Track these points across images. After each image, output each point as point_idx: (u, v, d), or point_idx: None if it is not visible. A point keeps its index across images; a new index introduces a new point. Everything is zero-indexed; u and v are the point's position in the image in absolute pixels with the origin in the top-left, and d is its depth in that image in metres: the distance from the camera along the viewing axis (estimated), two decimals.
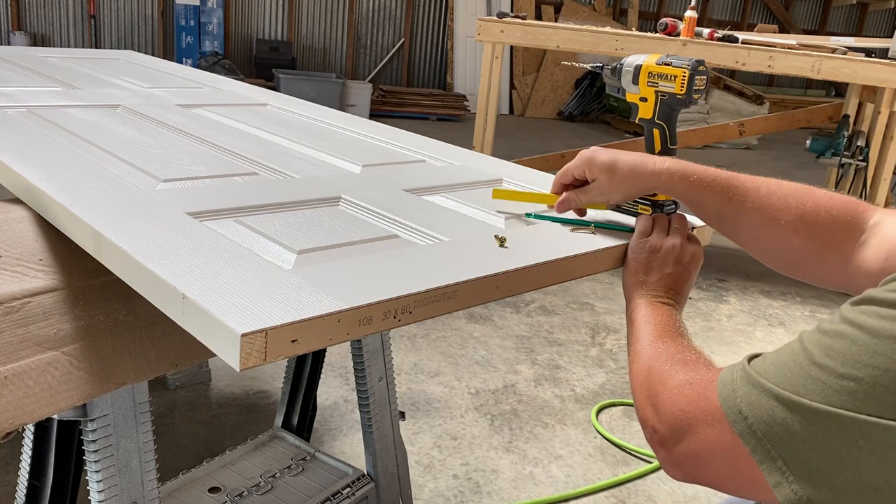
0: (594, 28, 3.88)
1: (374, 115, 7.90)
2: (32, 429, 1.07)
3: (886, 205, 3.84)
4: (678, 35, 3.72)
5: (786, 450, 0.63)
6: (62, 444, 1.07)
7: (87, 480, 1.05)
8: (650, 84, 1.09)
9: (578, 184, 1.06)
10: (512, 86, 9.54)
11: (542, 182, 1.35)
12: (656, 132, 1.12)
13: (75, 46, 7.85)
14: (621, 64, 1.14)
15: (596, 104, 9.72)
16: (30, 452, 1.08)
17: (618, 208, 1.17)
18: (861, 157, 3.81)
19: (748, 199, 0.94)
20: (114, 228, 0.86)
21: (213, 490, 1.57)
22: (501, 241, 0.96)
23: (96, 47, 7.94)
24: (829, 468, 0.61)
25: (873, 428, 0.58)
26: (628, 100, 1.14)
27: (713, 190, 0.95)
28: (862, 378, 0.59)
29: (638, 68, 1.11)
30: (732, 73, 9.71)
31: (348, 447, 2.24)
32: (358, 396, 1.62)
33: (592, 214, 1.14)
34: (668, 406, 0.76)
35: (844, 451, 0.59)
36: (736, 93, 8.74)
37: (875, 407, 0.58)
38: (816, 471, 0.61)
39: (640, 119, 1.14)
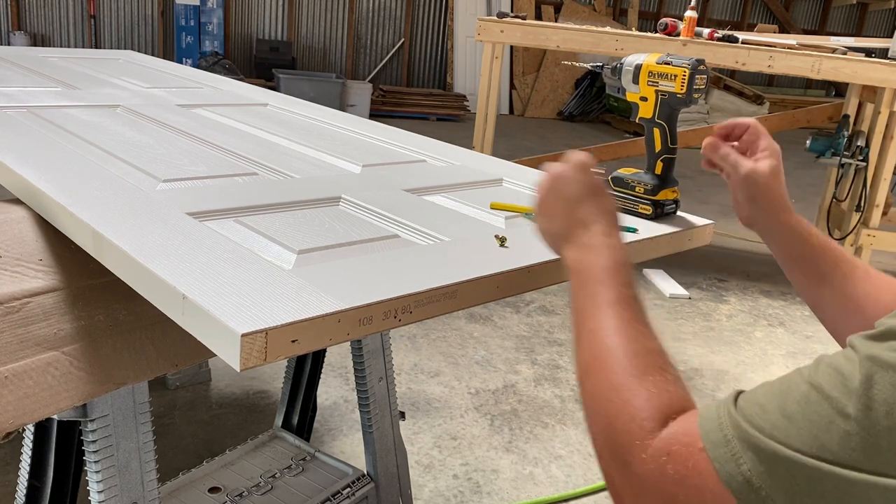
0: (594, 28, 3.88)
1: (374, 115, 7.90)
2: (32, 429, 1.07)
3: (886, 205, 3.84)
4: (678, 35, 3.72)
5: None
6: (62, 445, 1.07)
7: (87, 480, 1.05)
8: (650, 83, 1.09)
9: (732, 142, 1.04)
10: (512, 86, 9.54)
11: None
12: (657, 131, 1.12)
13: (75, 46, 7.85)
14: (621, 63, 1.14)
15: (596, 104, 9.72)
16: (30, 453, 1.08)
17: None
18: (861, 157, 3.81)
19: (857, 271, 0.94)
20: (114, 229, 0.85)
21: (213, 490, 1.57)
22: (502, 241, 0.96)
23: (96, 47, 7.94)
24: None
25: None
26: (628, 99, 1.14)
27: (827, 251, 0.96)
28: None
29: (638, 67, 1.11)
30: (732, 73, 9.71)
31: (348, 447, 2.24)
32: (358, 396, 1.62)
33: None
34: (645, 482, 0.59)
35: None
36: (736, 93, 8.74)
37: None
38: None
39: (640, 118, 1.14)
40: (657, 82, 1.09)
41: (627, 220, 1.12)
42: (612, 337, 0.67)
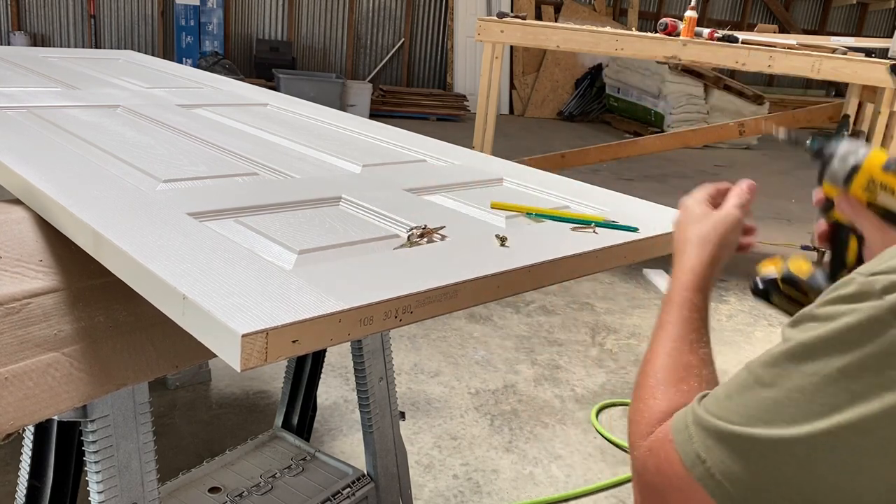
0: (594, 28, 3.88)
1: (374, 115, 7.90)
2: (33, 430, 1.07)
3: None
4: (678, 35, 3.72)
5: (740, 485, 0.59)
6: (62, 445, 1.07)
7: (88, 481, 1.04)
8: (868, 190, 0.86)
9: None
10: (512, 86, 9.53)
11: (543, 181, 1.35)
12: (854, 241, 0.91)
13: (75, 46, 7.84)
14: (827, 149, 0.91)
15: (596, 104, 9.72)
16: (30, 453, 1.08)
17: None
18: None
19: None
20: (114, 229, 0.85)
21: (213, 490, 1.57)
22: (502, 241, 0.96)
23: (96, 47, 7.93)
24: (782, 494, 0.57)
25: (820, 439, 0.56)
26: (825, 192, 0.92)
27: None
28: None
29: (857, 168, 0.87)
30: (732, 73, 9.71)
31: (348, 447, 2.24)
32: (358, 396, 1.62)
33: (594, 214, 1.14)
34: (638, 475, 0.70)
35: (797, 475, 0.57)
36: (736, 93, 8.73)
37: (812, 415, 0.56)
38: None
39: (835, 220, 0.92)
40: (877, 191, 0.86)
41: (628, 220, 1.12)
42: (659, 350, 0.77)
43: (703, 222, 0.89)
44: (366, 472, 1.66)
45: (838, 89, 10.83)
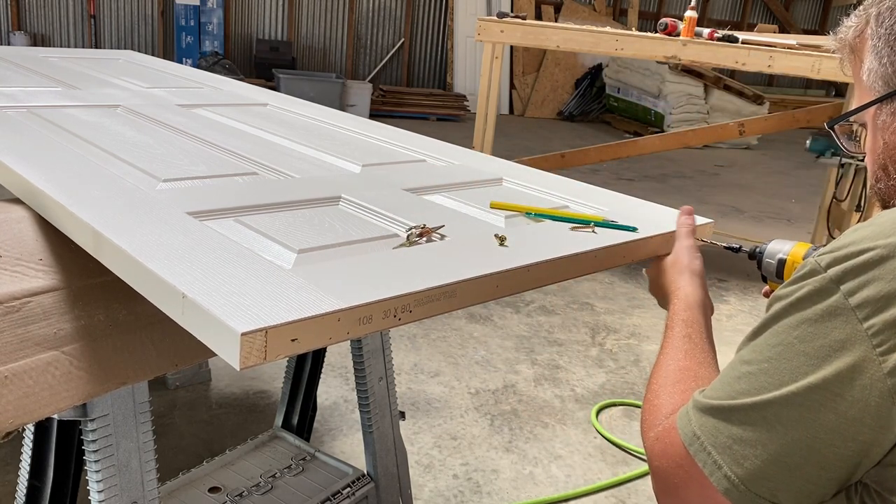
0: (594, 28, 3.88)
1: (374, 115, 7.90)
2: (32, 429, 1.07)
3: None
4: (678, 35, 3.72)
5: (725, 452, 0.68)
6: (62, 444, 1.07)
7: (87, 480, 1.05)
8: None
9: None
10: (512, 86, 9.53)
11: (542, 181, 1.35)
12: None
13: (75, 46, 7.84)
14: (761, 252, 1.04)
15: (596, 104, 9.72)
16: (30, 452, 1.08)
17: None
18: (861, 158, 3.81)
19: None
20: (114, 228, 0.86)
21: (213, 490, 1.57)
22: (501, 240, 0.96)
23: (96, 47, 7.93)
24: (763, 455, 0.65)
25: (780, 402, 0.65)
26: (769, 287, 1.04)
27: None
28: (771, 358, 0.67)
29: (783, 262, 1.00)
30: (732, 73, 9.71)
31: (348, 447, 2.24)
32: (358, 396, 1.62)
33: (593, 214, 1.14)
34: (650, 460, 0.78)
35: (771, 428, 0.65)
36: (736, 93, 8.73)
37: (776, 382, 0.66)
38: (750, 464, 0.66)
39: None
40: None
41: (628, 220, 1.12)
42: (667, 357, 0.90)
43: (672, 268, 1.05)
44: (366, 472, 1.66)
45: (838, 89, 10.82)
